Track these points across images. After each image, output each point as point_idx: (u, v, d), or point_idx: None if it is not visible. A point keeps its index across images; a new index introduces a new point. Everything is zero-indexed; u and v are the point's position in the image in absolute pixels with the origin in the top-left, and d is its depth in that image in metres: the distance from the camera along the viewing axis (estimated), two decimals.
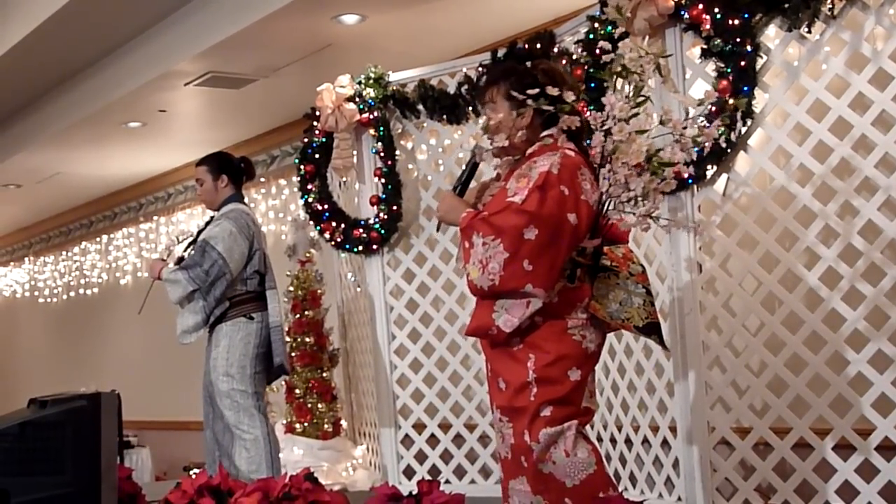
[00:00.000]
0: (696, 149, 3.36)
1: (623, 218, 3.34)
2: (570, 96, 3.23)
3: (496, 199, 3.36)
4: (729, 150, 4.56)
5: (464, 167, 3.59)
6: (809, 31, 4.40)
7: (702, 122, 3.68)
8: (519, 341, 3.31)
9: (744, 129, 4.54)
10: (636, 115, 3.25)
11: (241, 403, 5.33)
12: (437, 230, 3.92)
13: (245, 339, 5.37)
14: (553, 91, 3.22)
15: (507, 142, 3.38)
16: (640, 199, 3.29)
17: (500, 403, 3.38)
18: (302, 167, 6.57)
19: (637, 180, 3.23)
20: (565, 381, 3.27)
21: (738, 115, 4.40)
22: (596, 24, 4.94)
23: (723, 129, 4.34)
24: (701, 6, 4.51)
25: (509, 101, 3.38)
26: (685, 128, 3.32)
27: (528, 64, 3.62)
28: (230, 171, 5.59)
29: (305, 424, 6.81)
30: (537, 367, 3.26)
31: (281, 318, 5.52)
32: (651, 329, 3.36)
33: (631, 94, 3.28)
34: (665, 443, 4.93)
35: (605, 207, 3.34)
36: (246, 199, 5.72)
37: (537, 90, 3.26)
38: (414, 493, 4.46)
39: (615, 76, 3.32)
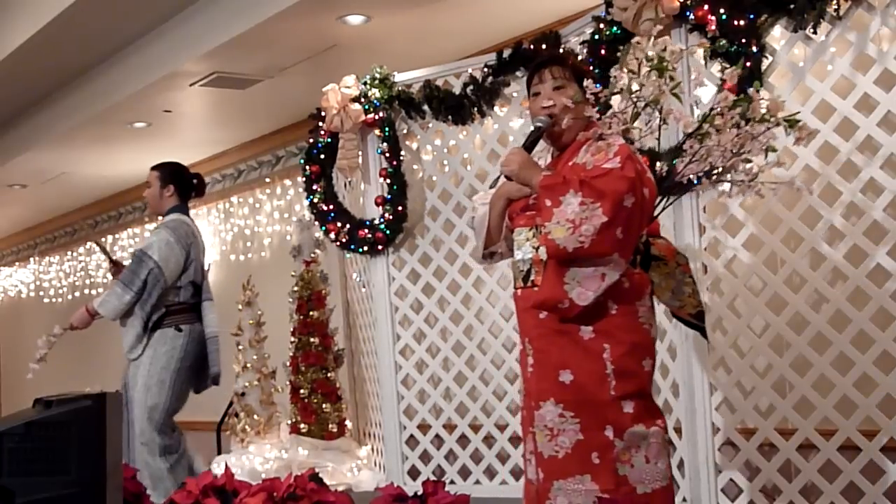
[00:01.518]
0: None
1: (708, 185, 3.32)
2: (622, 80, 3.22)
3: (570, 170, 3.20)
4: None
5: (529, 133, 3.41)
6: (815, 32, 4.39)
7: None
8: (591, 330, 3.14)
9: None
10: (739, 106, 3.23)
11: (154, 418, 5.39)
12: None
13: (169, 353, 5.44)
14: (622, 77, 3.21)
15: (589, 114, 3.27)
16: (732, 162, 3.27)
17: (563, 397, 3.15)
18: (307, 167, 6.57)
19: (750, 142, 3.20)
20: (641, 372, 3.18)
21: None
22: (601, 25, 4.93)
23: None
24: (706, 7, 4.51)
25: (578, 84, 3.33)
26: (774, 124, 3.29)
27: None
28: (179, 182, 5.72)
29: (310, 425, 6.82)
30: (615, 358, 3.12)
31: (218, 329, 5.57)
32: (701, 318, 3.33)
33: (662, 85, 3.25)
34: (669, 443, 4.91)
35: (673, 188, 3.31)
36: (190, 212, 5.81)
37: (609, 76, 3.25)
38: (419, 493, 4.47)
39: (651, 70, 3.26)
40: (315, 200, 6.54)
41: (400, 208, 6.16)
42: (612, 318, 3.15)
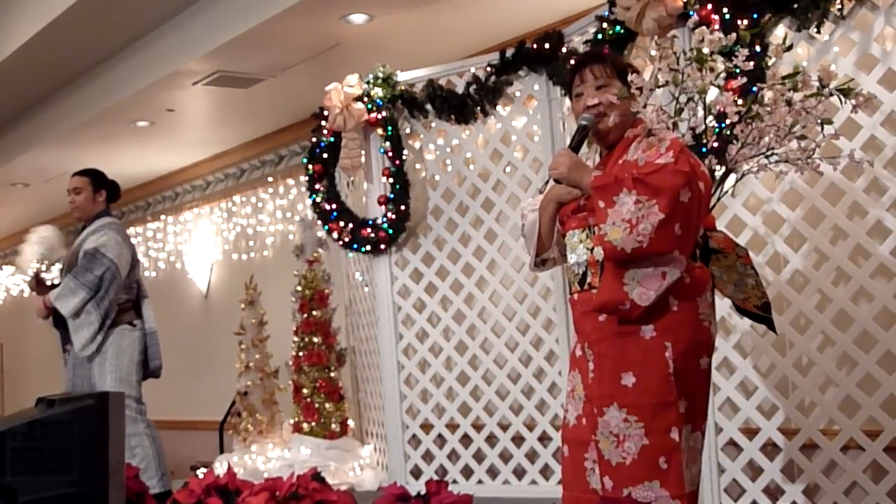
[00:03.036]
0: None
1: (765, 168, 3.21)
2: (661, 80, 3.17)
3: (621, 168, 3.12)
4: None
5: (575, 132, 3.31)
6: (818, 32, 4.39)
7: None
8: (652, 328, 3.03)
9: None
10: (792, 81, 3.17)
11: (126, 409, 5.47)
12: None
13: (131, 346, 5.65)
14: (666, 73, 3.16)
15: (636, 109, 3.16)
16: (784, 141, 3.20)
17: (625, 401, 3.04)
18: (310, 167, 6.57)
19: (806, 116, 3.13)
20: (698, 371, 3.07)
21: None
22: (604, 24, 4.93)
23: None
24: (710, 6, 4.50)
25: (621, 81, 3.25)
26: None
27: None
28: (108, 188, 5.91)
29: (313, 424, 6.82)
30: (676, 356, 3.01)
31: (155, 325, 5.80)
32: (767, 309, 3.23)
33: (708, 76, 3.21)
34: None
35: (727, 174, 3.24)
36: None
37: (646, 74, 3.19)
38: (422, 493, 4.47)
39: (692, 62, 3.20)
40: (318, 200, 6.54)
41: (402, 208, 6.16)
42: (673, 314, 3.04)
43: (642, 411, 3.02)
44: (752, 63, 3.16)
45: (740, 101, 3.16)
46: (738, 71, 4.42)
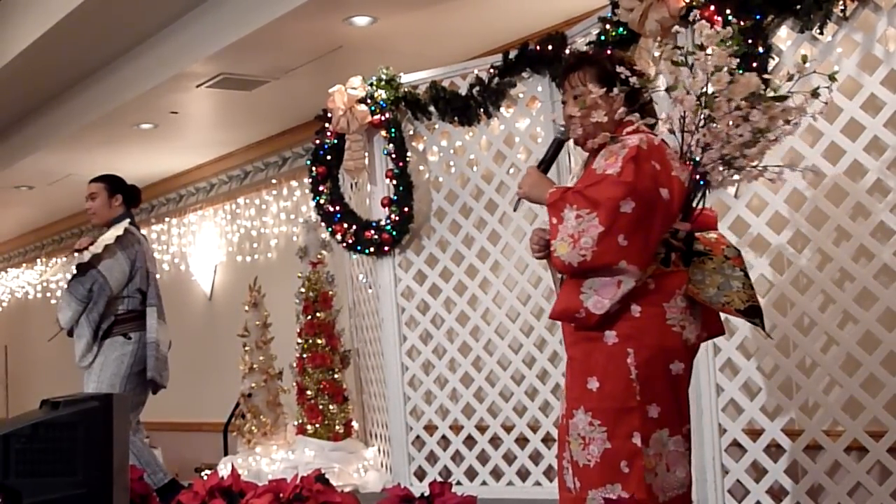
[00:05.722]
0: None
1: (725, 177, 3.15)
2: (658, 80, 3.12)
3: (585, 178, 3.17)
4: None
5: (548, 145, 3.38)
6: (821, 33, 4.39)
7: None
8: (615, 334, 3.08)
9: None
10: (736, 59, 3.07)
11: None
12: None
13: (119, 359, 5.54)
14: (650, 70, 3.13)
15: (605, 118, 3.16)
16: (743, 150, 3.10)
17: (591, 405, 3.09)
18: (313, 168, 6.58)
19: (745, 124, 3.03)
20: (667, 377, 3.08)
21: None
22: (607, 26, 4.93)
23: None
24: (712, 7, 4.50)
25: (601, 83, 3.21)
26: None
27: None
28: (125, 192, 5.83)
29: (317, 426, 6.82)
30: (638, 363, 3.05)
31: (157, 335, 5.62)
32: (753, 312, 3.17)
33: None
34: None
35: (699, 180, 3.17)
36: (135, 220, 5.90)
37: (633, 69, 3.14)
38: (426, 494, 4.48)
39: (688, 55, 3.16)
40: (321, 201, 6.55)
41: (406, 209, 6.16)
42: (635, 321, 3.08)
43: (605, 415, 3.06)
44: (734, 62, 3.10)
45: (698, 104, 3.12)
46: (740, 71, 4.45)
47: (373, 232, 6.27)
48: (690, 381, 3.22)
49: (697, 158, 3.10)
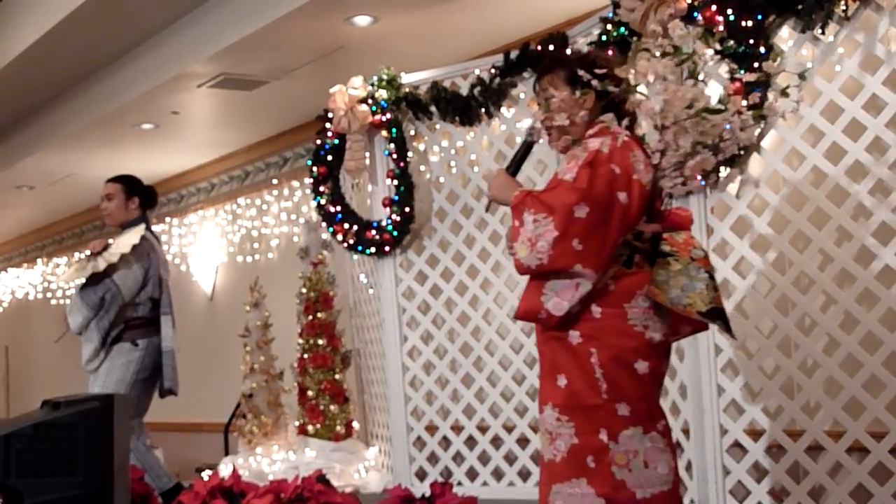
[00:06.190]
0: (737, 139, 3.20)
1: (674, 185, 3.16)
2: (632, 79, 3.12)
3: (551, 180, 3.24)
4: (742, 152, 4.55)
5: (517, 147, 3.45)
6: (823, 33, 4.39)
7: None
8: (578, 335, 3.15)
9: (757, 131, 4.52)
10: (686, 68, 3.08)
11: None
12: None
13: (125, 366, 5.49)
14: (621, 73, 3.14)
15: (567, 121, 3.24)
16: (686, 159, 3.11)
17: (558, 401, 3.18)
18: (314, 169, 6.58)
19: (686, 136, 3.06)
20: (634, 375, 3.13)
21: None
22: (608, 26, 4.93)
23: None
24: (714, 7, 4.50)
25: (571, 85, 3.29)
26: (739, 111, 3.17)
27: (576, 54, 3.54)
28: (142, 194, 5.76)
29: (318, 426, 6.82)
30: (602, 362, 3.11)
31: (173, 344, 5.58)
32: (714, 314, 3.18)
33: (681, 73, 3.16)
34: (678, 445, 4.91)
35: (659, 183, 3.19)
36: (150, 224, 5.85)
37: (604, 71, 3.15)
38: (426, 494, 4.47)
39: (664, 56, 3.18)
40: (322, 202, 6.54)
41: (407, 209, 6.16)
42: (597, 321, 3.15)
43: (572, 412, 3.14)
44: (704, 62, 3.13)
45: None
46: (742, 72, 4.46)
47: (374, 232, 6.26)
48: (663, 380, 3.29)
49: (655, 162, 3.14)
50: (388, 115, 6.21)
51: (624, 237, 3.16)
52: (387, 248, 6.27)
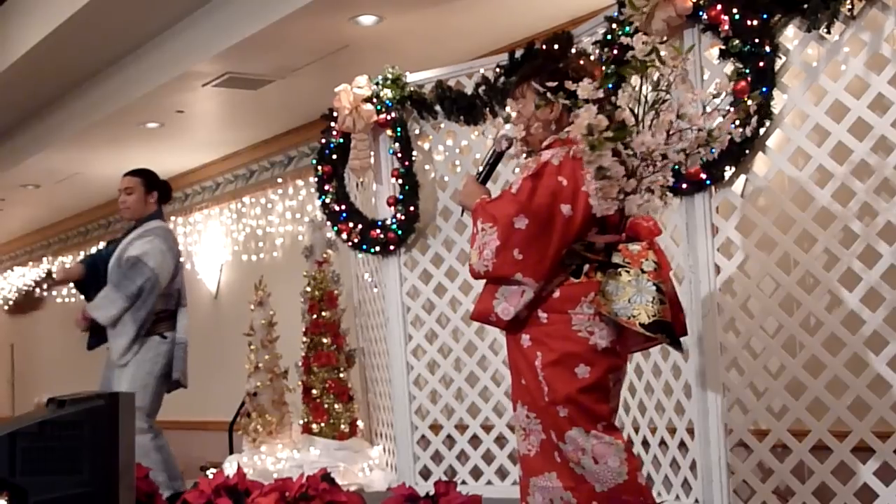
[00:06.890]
0: (712, 149, 3.29)
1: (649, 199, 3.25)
2: (586, 90, 3.15)
3: (502, 190, 3.46)
4: (747, 151, 4.55)
5: (487, 155, 3.61)
6: (829, 32, 4.38)
7: (717, 113, 3.59)
8: (528, 338, 3.33)
9: (762, 130, 4.51)
10: (661, 100, 3.20)
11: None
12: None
13: (154, 359, 5.53)
14: (571, 86, 3.19)
15: (524, 132, 3.40)
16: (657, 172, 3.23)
17: (525, 400, 3.36)
18: (319, 168, 6.58)
19: (664, 147, 3.18)
20: (573, 380, 3.25)
21: (753, 109, 4.27)
22: (614, 25, 4.93)
23: (737, 122, 4.22)
24: (719, 7, 4.49)
25: (536, 95, 3.42)
26: (700, 128, 3.25)
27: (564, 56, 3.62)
28: (160, 189, 5.81)
29: (322, 425, 6.82)
30: (543, 365, 3.27)
31: (186, 336, 5.64)
32: (658, 328, 3.22)
33: (649, 87, 3.24)
34: (682, 445, 4.91)
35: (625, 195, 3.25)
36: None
37: (556, 83, 3.28)
38: (431, 493, 4.47)
39: (632, 71, 3.27)
40: (327, 201, 6.54)
41: (412, 209, 6.16)
42: (543, 326, 3.32)
43: (536, 410, 3.33)
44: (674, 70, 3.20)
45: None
46: (747, 72, 4.45)
47: (378, 231, 6.26)
48: (615, 384, 3.40)
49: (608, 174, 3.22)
50: (393, 114, 6.21)
51: (567, 248, 3.29)
52: (391, 247, 6.27)
